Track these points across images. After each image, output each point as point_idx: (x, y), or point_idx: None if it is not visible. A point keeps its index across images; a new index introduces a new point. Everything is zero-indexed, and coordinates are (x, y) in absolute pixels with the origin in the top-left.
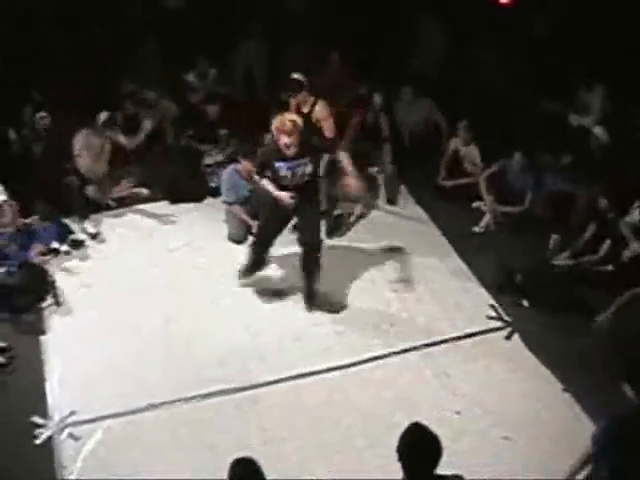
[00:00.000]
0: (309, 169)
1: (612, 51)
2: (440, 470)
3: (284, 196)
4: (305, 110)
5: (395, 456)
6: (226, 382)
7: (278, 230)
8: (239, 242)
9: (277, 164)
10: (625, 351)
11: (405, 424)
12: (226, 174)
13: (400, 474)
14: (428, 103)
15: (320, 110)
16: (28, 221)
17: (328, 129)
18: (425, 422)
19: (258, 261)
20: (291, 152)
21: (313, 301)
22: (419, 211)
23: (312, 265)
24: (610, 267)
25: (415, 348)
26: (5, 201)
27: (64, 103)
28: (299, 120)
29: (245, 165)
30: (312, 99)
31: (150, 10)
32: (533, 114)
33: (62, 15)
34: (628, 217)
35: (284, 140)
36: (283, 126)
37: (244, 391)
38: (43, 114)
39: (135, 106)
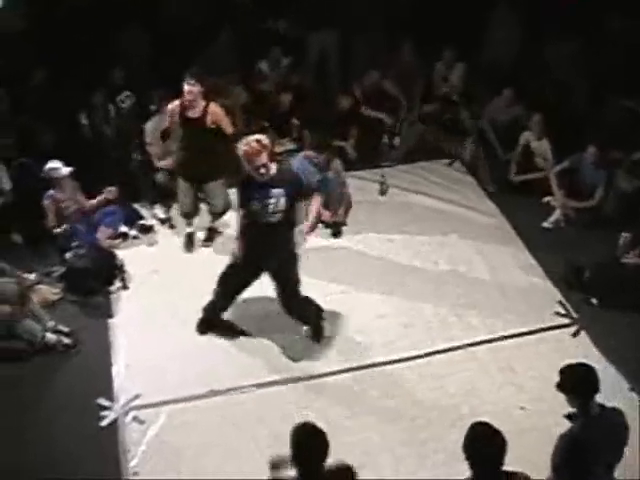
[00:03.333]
0: (282, 203)
1: None
2: (504, 466)
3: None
4: (195, 116)
5: (458, 450)
6: (289, 371)
7: (244, 282)
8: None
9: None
10: None
11: (469, 418)
12: (297, 161)
13: (464, 468)
14: (510, 95)
15: (214, 113)
16: (93, 202)
17: (227, 126)
18: (489, 417)
19: (221, 306)
20: (269, 172)
21: (320, 336)
22: (490, 205)
23: (290, 301)
24: None
25: (481, 342)
26: (67, 176)
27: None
28: (263, 137)
29: None
30: (202, 103)
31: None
32: (606, 110)
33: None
34: None
35: (257, 163)
36: (250, 149)
37: (307, 381)
38: (128, 93)
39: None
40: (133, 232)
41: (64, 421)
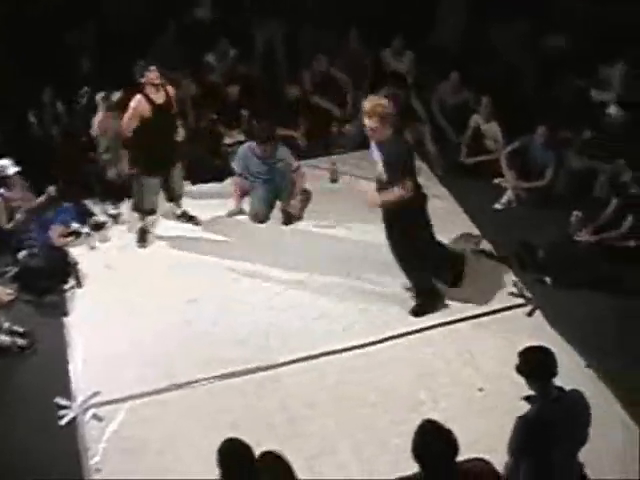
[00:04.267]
0: None
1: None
2: (464, 448)
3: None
4: (159, 101)
5: None
6: (248, 361)
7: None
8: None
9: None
10: None
11: (429, 402)
12: (242, 148)
13: None
14: (457, 78)
15: (173, 97)
16: (43, 198)
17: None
18: (448, 400)
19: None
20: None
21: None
22: (441, 189)
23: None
24: (632, 243)
25: (437, 325)
26: (16, 173)
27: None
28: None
29: None
30: (163, 87)
31: None
32: (556, 90)
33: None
34: None
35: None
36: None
37: (266, 370)
38: (86, 89)
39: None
40: (85, 229)
41: (23, 422)
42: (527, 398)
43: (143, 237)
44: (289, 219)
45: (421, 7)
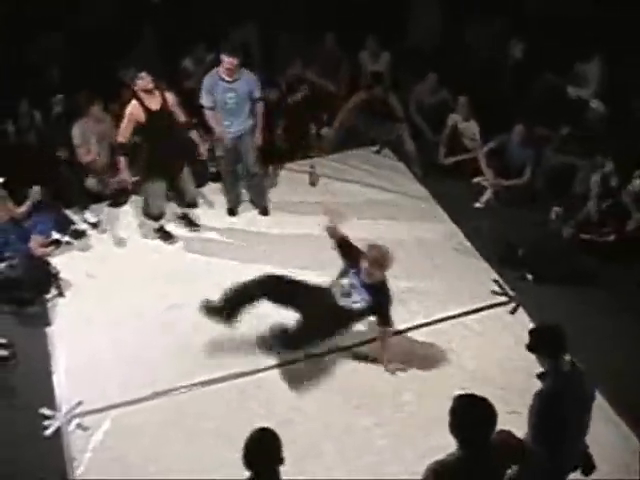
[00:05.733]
0: None
1: (610, 21)
2: (449, 447)
3: None
4: (154, 107)
5: (403, 434)
6: (230, 367)
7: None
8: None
9: None
10: None
11: (413, 403)
12: (207, 77)
13: (408, 452)
14: (434, 79)
15: (171, 101)
16: (23, 209)
17: (181, 115)
18: (433, 400)
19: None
20: None
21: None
22: (421, 189)
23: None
24: (613, 237)
25: (420, 326)
26: None
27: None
28: None
29: None
30: (158, 93)
31: None
32: (531, 87)
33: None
34: (630, 187)
35: None
36: None
37: (248, 376)
38: (60, 96)
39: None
40: (65, 238)
41: (7, 433)
42: (540, 376)
43: (167, 235)
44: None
45: (396, 9)
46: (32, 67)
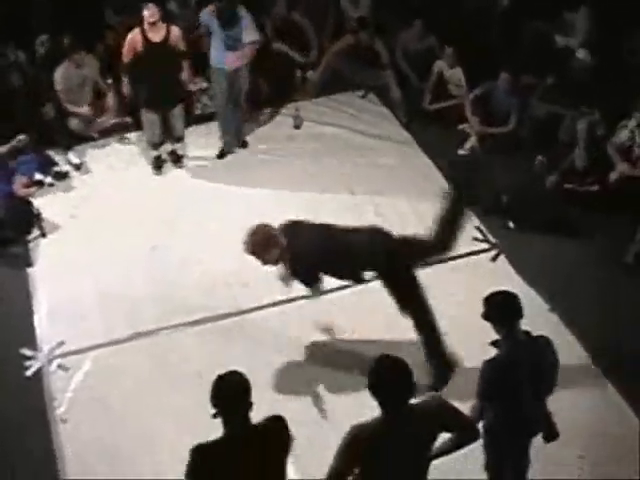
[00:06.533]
0: None
1: None
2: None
3: None
4: (155, 39)
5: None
6: (213, 309)
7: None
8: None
9: None
10: None
11: (393, 348)
12: (202, 13)
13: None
14: (421, 26)
15: (175, 34)
16: (3, 149)
17: (187, 70)
18: (411, 346)
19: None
20: None
21: None
22: (405, 135)
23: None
24: (596, 188)
25: None
26: None
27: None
28: None
29: None
30: (164, 26)
31: None
32: (518, 35)
33: None
34: (615, 137)
35: None
36: None
37: (230, 317)
38: (45, 37)
39: (117, 37)
40: (48, 179)
41: None
42: (494, 343)
43: (157, 164)
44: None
45: None
46: (17, 7)
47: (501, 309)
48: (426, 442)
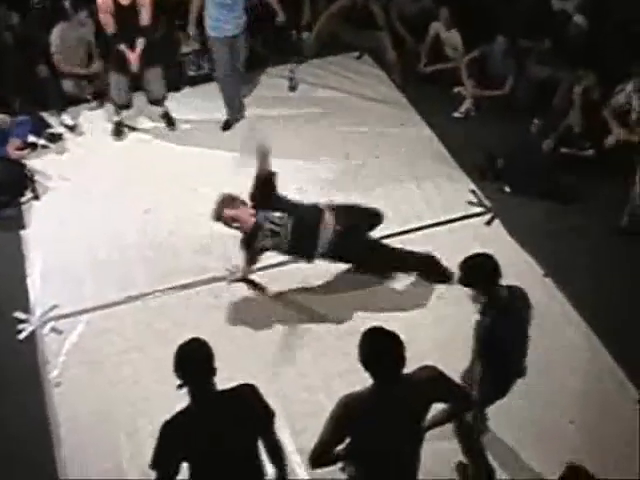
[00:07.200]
0: None
1: None
2: (420, 356)
3: None
4: (123, 1)
5: None
6: (205, 272)
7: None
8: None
9: None
10: None
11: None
12: None
13: None
14: None
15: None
16: None
17: (146, 15)
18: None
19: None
20: None
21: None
22: (400, 97)
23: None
24: (592, 152)
25: (393, 235)
26: None
27: None
28: None
29: None
30: None
31: None
32: None
33: None
34: (612, 102)
35: None
36: None
37: (223, 281)
38: None
39: None
40: (42, 141)
41: None
42: (480, 309)
43: (117, 131)
44: None
45: None
46: None
47: (480, 272)
48: (419, 412)
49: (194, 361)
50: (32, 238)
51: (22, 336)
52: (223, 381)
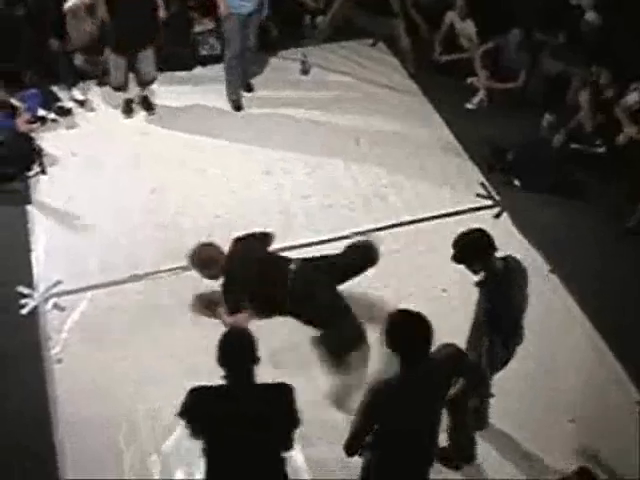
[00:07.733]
0: None
1: None
2: None
3: None
4: None
5: None
6: None
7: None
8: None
9: None
10: None
11: (392, 301)
12: None
13: None
14: None
15: None
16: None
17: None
18: (412, 299)
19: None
20: None
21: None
22: (413, 86)
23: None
24: (603, 149)
25: (402, 224)
26: None
27: None
28: None
29: None
30: None
31: None
32: None
33: None
34: (624, 100)
35: None
36: None
37: None
38: None
39: None
40: (51, 115)
41: None
42: (479, 283)
43: (127, 108)
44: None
45: None
46: None
47: (471, 247)
48: (444, 389)
49: (237, 348)
50: (38, 213)
51: (25, 311)
52: None
